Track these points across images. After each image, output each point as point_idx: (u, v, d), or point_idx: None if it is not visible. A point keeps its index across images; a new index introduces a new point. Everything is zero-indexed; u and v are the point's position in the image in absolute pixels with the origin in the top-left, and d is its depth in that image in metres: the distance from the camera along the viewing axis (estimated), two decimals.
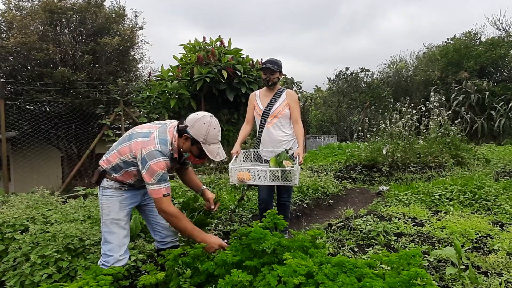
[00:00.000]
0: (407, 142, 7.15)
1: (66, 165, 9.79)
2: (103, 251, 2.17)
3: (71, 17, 9.53)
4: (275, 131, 3.26)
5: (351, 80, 22.03)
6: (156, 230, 2.46)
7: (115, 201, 2.17)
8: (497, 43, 17.86)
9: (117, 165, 2.15)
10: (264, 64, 3.24)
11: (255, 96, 3.43)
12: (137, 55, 11.50)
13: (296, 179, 2.81)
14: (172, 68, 7.97)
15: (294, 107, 3.29)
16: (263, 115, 3.30)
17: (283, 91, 3.33)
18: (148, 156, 2.00)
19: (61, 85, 8.46)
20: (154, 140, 2.06)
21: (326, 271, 1.65)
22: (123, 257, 2.19)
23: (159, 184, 2.02)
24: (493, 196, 3.99)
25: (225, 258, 1.86)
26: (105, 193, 2.18)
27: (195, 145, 2.13)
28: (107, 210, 2.16)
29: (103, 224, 2.18)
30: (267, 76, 3.24)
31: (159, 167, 2.00)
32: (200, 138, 2.10)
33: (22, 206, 3.55)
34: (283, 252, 1.86)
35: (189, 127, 2.12)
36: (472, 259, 2.54)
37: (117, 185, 2.19)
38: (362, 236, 3.13)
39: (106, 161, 2.20)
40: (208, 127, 2.11)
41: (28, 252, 2.59)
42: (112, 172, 2.18)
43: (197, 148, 2.14)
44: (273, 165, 2.90)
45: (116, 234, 2.17)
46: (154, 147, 2.03)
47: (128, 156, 2.11)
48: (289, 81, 12.04)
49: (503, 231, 3.10)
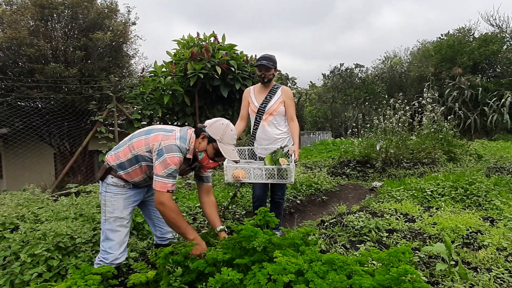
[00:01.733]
0: (401, 138, 7.19)
1: (59, 162, 9.71)
2: (103, 247, 2.18)
3: (63, 12, 9.38)
4: (271, 129, 3.24)
5: (346, 76, 22.07)
6: (156, 226, 2.49)
7: (119, 198, 2.18)
8: (490, 39, 17.98)
9: (127, 161, 2.16)
10: (259, 61, 3.19)
11: (249, 93, 3.38)
12: (130, 50, 11.38)
13: (292, 177, 2.81)
14: (166, 64, 7.88)
15: (290, 104, 3.26)
16: (258, 112, 3.27)
17: (278, 87, 3.29)
18: (166, 149, 2.04)
19: (53, 81, 8.36)
20: (175, 136, 2.11)
21: (316, 269, 1.65)
22: (122, 255, 2.21)
23: (168, 178, 2.04)
24: (484, 192, 4.02)
25: (216, 256, 1.86)
26: (110, 190, 2.18)
27: (211, 143, 2.16)
28: (111, 207, 2.17)
29: (105, 221, 2.18)
30: (263, 73, 3.20)
31: (173, 162, 2.04)
32: (217, 137, 2.15)
33: (12, 204, 3.51)
34: (274, 250, 1.85)
35: (208, 127, 2.19)
36: (462, 255, 2.56)
37: (121, 183, 2.20)
38: (354, 233, 3.14)
39: (114, 156, 2.20)
40: (226, 127, 2.18)
41: (18, 250, 2.56)
42: (119, 170, 2.17)
43: (213, 148, 2.17)
44: (268, 163, 2.89)
45: (119, 232, 2.18)
46: (174, 142, 2.07)
47: (142, 150, 2.12)
48: (284, 77, 12.00)
49: (493, 227, 3.12)
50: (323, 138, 16.24)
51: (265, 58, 3.19)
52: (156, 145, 2.07)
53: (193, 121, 7.65)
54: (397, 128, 7.36)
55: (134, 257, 2.95)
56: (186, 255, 2.00)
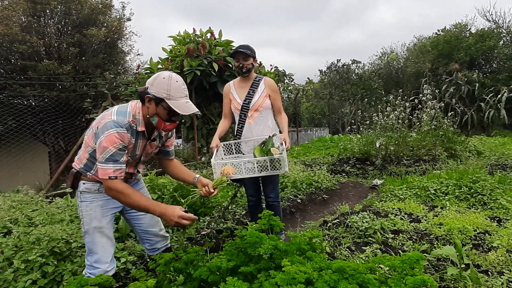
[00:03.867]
0: (400, 135, 7.12)
1: (54, 160, 9.57)
2: (89, 262, 2.00)
3: (55, 7, 9.22)
4: (257, 127, 2.99)
5: (343, 72, 21.99)
6: (144, 239, 2.28)
7: (95, 206, 1.99)
8: (487, 34, 17.97)
9: (88, 160, 1.95)
10: (236, 48, 2.93)
11: (229, 88, 3.10)
12: (125, 47, 11.25)
13: (286, 166, 2.60)
14: (162, 61, 7.75)
15: (275, 97, 3.02)
16: (242, 110, 2.99)
17: (260, 79, 3.02)
18: (102, 129, 1.80)
19: (46, 79, 8.20)
20: (111, 113, 1.87)
21: (326, 278, 1.57)
22: (110, 267, 2.01)
23: (107, 163, 1.80)
24: (488, 190, 3.95)
25: (220, 264, 1.77)
26: (84, 199, 1.99)
27: (160, 104, 1.87)
28: (88, 218, 1.97)
29: (85, 233, 2.00)
30: (240, 63, 2.92)
31: (110, 142, 1.78)
32: (163, 94, 1.85)
33: (5, 207, 3.41)
34: (280, 256, 1.77)
35: (149, 87, 1.88)
36: (472, 257, 2.49)
37: (95, 186, 2.00)
38: (359, 234, 3.07)
39: (78, 161, 2.00)
40: (169, 80, 1.87)
41: (11, 256, 2.47)
42: (87, 171, 1.98)
43: (164, 108, 1.87)
44: (258, 155, 2.70)
45: (101, 243, 1.99)
46: (110, 118, 1.82)
47: (92, 143, 1.91)
48: (281, 74, 11.87)
49: (501, 227, 3.06)
50: (321, 135, 16.18)
51: (242, 46, 2.92)
52: (95, 130, 1.86)
53: (189, 118, 7.54)
54: (396, 125, 7.29)
55: (132, 261, 2.86)
56: (188, 262, 1.90)
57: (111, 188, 1.84)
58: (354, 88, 20.06)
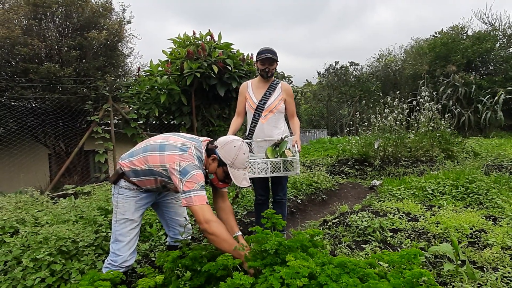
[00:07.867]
0: (398, 136, 7.21)
1: (54, 162, 9.59)
2: (113, 249, 2.16)
3: (56, 10, 9.25)
4: (269, 127, 3.09)
5: (341, 74, 22.13)
6: (170, 226, 2.48)
7: (131, 201, 2.16)
8: (484, 37, 18.14)
9: (141, 171, 2.11)
10: (264, 53, 2.98)
11: (246, 88, 3.19)
12: (125, 49, 11.26)
13: (298, 168, 2.73)
14: (162, 63, 7.80)
15: (290, 101, 3.15)
16: (256, 109, 3.09)
17: (277, 83, 3.14)
18: (190, 167, 1.98)
19: (48, 81, 8.24)
20: (192, 156, 2.04)
21: (329, 272, 1.64)
22: (131, 256, 2.19)
23: (202, 190, 1.97)
24: (484, 190, 4.04)
25: (227, 262, 1.83)
26: (122, 193, 2.16)
27: (221, 167, 2.10)
28: (123, 209, 2.15)
29: (116, 222, 2.16)
30: (266, 67, 3.01)
31: (201, 178, 1.99)
32: (228, 161, 2.08)
33: (11, 208, 3.45)
34: (285, 252, 1.84)
35: (219, 148, 2.11)
36: (468, 254, 2.56)
37: (134, 187, 2.17)
38: (358, 233, 3.14)
39: (128, 163, 2.14)
40: (238, 151, 2.09)
41: (19, 255, 2.51)
42: (132, 176, 2.14)
43: (223, 171, 2.11)
44: (270, 155, 2.81)
45: (128, 234, 2.16)
46: (193, 162, 2.02)
47: (157, 167, 2.06)
48: (280, 76, 11.97)
49: (496, 226, 3.14)
50: (319, 136, 16.28)
51: (269, 51, 2.98)
52: (175, 167, 1.99)
53: (189, 120, 7.60)
54: (394, 127, 7.38)
55: (137, 260, 2.92)
56: (194, 258, 1.97)
57: (209, 221, 1.92)
58: (352, 90, 20.19)
